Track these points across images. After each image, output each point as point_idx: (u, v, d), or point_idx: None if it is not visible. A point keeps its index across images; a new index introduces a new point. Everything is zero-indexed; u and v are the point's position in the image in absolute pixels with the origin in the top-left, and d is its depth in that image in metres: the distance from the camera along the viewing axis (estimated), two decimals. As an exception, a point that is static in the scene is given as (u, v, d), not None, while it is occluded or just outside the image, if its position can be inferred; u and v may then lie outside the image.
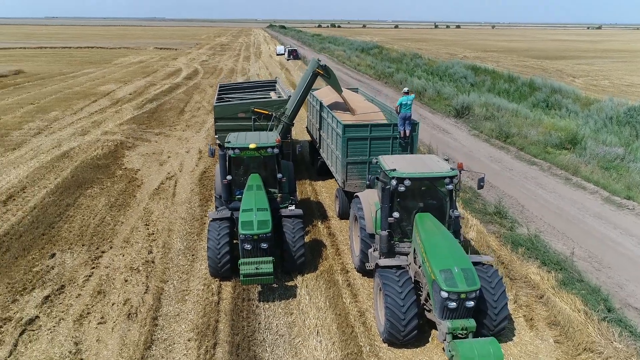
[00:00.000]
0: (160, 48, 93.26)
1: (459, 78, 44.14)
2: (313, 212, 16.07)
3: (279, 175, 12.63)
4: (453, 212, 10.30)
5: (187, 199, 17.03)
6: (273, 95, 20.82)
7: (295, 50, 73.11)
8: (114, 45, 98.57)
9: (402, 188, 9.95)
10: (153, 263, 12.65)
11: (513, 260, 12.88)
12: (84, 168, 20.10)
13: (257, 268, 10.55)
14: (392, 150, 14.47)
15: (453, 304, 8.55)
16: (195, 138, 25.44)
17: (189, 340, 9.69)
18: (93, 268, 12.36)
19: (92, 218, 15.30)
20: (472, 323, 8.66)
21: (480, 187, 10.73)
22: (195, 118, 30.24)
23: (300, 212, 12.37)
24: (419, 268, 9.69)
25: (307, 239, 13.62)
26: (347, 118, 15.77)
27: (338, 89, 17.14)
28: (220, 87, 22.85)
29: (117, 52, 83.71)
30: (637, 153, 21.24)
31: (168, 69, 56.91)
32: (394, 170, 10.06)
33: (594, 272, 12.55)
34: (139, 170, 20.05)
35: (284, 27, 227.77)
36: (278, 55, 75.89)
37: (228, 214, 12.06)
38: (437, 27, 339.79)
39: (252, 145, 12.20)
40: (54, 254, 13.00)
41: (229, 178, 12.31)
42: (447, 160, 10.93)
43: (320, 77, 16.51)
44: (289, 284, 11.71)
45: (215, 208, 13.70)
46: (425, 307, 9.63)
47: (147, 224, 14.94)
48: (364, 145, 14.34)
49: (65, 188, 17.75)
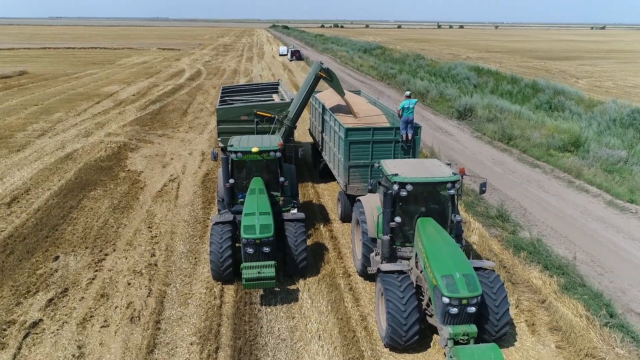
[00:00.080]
0: (164, 49, 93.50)
1: (462, 79, 44.13)
2: (315, 214, 16.10)
3: (282, 179, 12.67)
4: (455, 216, 10.32)
5: (189, 202, 17.08)
6: (276, 98, 20.87)
7: (298, 51, 73.09)
8: (118, 46, 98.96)
9: (404, 193, 9.98)
10: (156, 266, 12.70)
11: (515, 265, 12.88)
12: (88, 170, 20.19)
13: (259, 272, 10.58)
14: (394, 154, 14.48)
15: (454, 310, 8.56)
16: (198, 140, 25.50)
17: (192, 344, 9.73)
18: (96, 271, 12.42)
19: (95, 220, 15.37)
20: (473, 329, 8.66)
21: (482, 192, 10.73)
22: (198, 120, 30.30)
23: (303, 215, 12.40)
24: (421, 273, 9.72)
25: (309, 242, 13.66)
26: (349, 121, 15.78)
27: (340, 92, 17.18)
28: (223, 89, 22.91)
29: (120, 52, 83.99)
30: (640, 156, 21.19)
31: (171, 70, 57.06)
32: (396, 175, 10.09)
33: (596, 276, 12.52)
34: (142, 172, 20.12)
35: (287, 27, 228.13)
36: (281, 56, 75.92)
37: (230, 218, 12.09)
38: (440, 27, 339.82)
39: (254, 149, 12.24)
40: (58, 257, 13.07)
41: (232, 181, 12.35)
42: (449, 165, 10.96)
43: (323, 80, 16.56)
44: (291, 288, 11.74)
45: (218, 211, 13.73)
46: (427, 312, 9.65)
47: (150, 227, 15.01)
48: (366, 149, 14.35)
49: (69, 190, 17.84)
